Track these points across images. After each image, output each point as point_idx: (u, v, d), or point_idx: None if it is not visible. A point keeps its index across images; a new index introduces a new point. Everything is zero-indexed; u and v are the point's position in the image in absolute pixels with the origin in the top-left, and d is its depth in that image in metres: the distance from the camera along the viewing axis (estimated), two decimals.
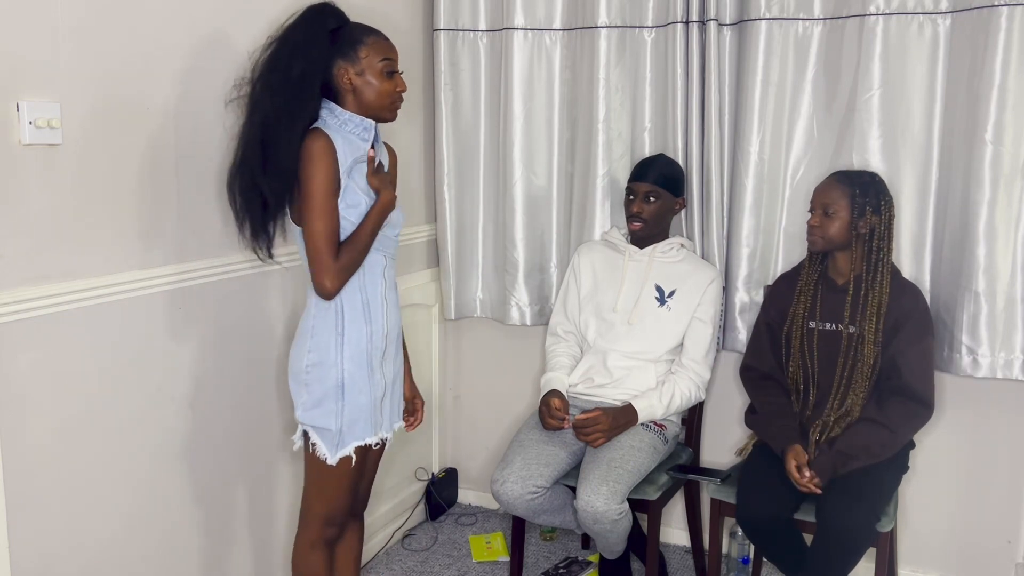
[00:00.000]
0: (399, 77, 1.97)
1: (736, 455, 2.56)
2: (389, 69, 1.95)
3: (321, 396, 1.93)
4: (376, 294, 1.98)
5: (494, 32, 2.96)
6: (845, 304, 2.33)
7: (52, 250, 1.78)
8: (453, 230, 3.07)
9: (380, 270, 2.00)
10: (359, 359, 1.95)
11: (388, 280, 2.02)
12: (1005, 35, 2.31)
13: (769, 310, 2.49)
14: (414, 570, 2.88)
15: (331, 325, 1.93)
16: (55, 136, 1.75)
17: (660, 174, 2.55)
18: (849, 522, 2.12)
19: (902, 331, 2.28)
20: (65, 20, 1.77)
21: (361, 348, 1.95)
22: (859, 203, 2.29)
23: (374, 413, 1.98)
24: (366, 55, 1.92)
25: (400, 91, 1.98)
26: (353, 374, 1.94)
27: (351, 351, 1.94)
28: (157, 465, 2.08)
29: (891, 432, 2.23)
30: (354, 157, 1.93)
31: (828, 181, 2.36)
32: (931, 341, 2.32)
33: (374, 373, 1.98)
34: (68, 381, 1.84)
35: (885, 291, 2.29)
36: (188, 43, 2.05)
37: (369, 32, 1.96)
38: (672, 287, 2.58)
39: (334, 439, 1.95)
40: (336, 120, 1.94)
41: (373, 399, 1.98)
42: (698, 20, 2.65)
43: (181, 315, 2.10)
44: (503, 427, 3.24)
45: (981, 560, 2.66)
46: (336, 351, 1.93)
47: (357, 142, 1.95)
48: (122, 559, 2.01)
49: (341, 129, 1.94)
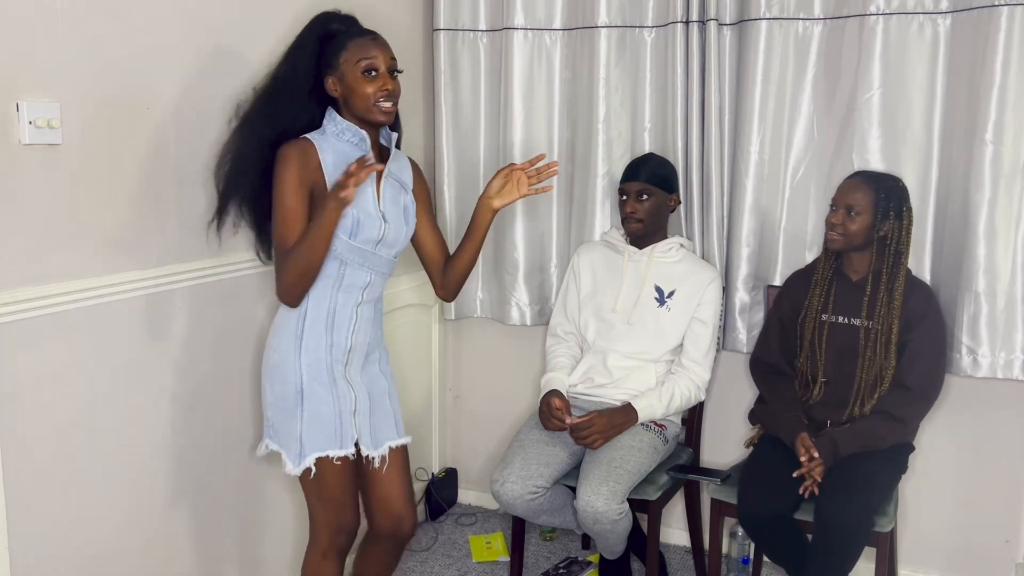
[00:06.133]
0: (384, 76, 1.90)
1: (745, 446, 2.56)
2: (367, 68, 1.88)
3: (283, 396, 1.92)
4: (347, 306, 1.95)
5: (494, 32, 2.96)
6: (862, 300, 2.34)
7: (52, 250, 1.78)
8: (453, 230, 3.07)
9: (361, 286, 1.96)
10: (317, 367, 1.92)
11: (367, 297, 1.98)
12: (1005, 35, 2.31)
13: (782, 304, 2.50)
14: (414, 570, 2.88)
15: (292, 328, 1.93)
16: (55, 136, 1.75)
17: (650, 172, 2.56)
18: (845, 518, 2.13)
19: (916, 328, 2.30)
20: (65, 20, 1.77)
21: (319, 357, 1.92)
22: (883, 207, 2.29)
23: (338, 426, 1.92)
24: (345, 60, 1.90)
25: (384, 91, 1.89)
26: (311, 382, 1.91)
27: (308, 359, 1.92)
28: (157, 465, 2.08)
29: (896, 420, 2.27)
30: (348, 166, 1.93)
31: (854, 181, 2.35)
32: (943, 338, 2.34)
33: (336, 384, 1.93)
34: (68, 381, 1.84)
35: (900, 291, 2.30)
36: (188, 43, 2.05)
37: (356, 35, 1.92)
38: (672, 287, 2.58)
39: (296, 447, 1.91)
40: (335, 128, 1.94)
41: (337, 410, 1.92)
42: (698, 20, 2.65)
43: (181, 315, 2.10)
44: (503, 427, 3.24)
45: (981, 560, 2.66)
46: (295, 356, 1.91)
47: (355, 152, 1.94)
48: (121, 559, 2.01)
49: (339, 138, 1.94)
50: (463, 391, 3.34)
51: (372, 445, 2.02)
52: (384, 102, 1.90)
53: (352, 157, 1.92)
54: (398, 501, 2.08)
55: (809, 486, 2.20)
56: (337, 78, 1.91)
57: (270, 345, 1.96)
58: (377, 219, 1.94)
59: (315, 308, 1.92)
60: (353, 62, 1.89)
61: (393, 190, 2.02)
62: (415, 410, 3.12)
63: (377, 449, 2.03)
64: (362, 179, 1.76)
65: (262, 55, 2.21)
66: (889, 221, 2.30)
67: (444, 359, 3.27)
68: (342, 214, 1.83)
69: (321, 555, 2.00)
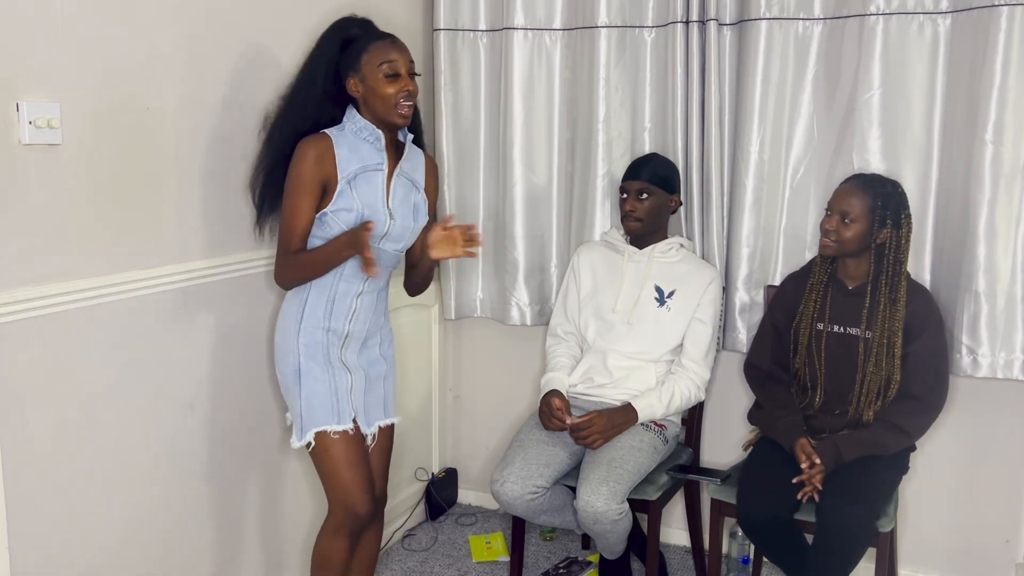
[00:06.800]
0: (405, 78, 1.98)
1: (744, 449, 2.56)
2: (390, 72, 1.96)
3: (285, 374, 2.03)
4: (347, 295, 2.03)
5: (494, 32, 2.96)
6: (859, 309, 2.32)
7: (52, 250, 1.78)
8: None
9: (363, 276, 2.02)
10: (313, 349, 2.01)
11: (369, 287, 2.05)
12: (1005, 35, 2.30)
13: (775, 309, 2.49)
14: (414, 570, 2.88)
15: (294, 311, 2.03)
16: (55, 136, 1.75)
17: (652, 172, 2.56)
18: (849, 521, 2.12)
19: (918, 335, 2.28)
20: (65, 20, 1.77)
21: (316, 340, 2.02)
22: (880, 215, 2.25)
23: (335, 402, 2.01)
24: (367, 61, 1.97)
25: (405, 92, 1.97)
26: (308, 361, 2.00)
27: (306, 340, 2.01)
28: (157, 465, 2.08)
29: (901, 431, 2.25)
30: (362, 165, 1.99)
31: (849, 186, 2.30)
32: (945, 344, 2.33)
33: (332, 364, 2.03)
34: (68, 381, 1.84)
35: (901, 301, 2.27)
36: (188, 43, 2.05)
37: (376, 38, 1.99)
38: (671, 287, 2.58)
39: (299, 423, 2.02)
40: (354, 126, 2.01)
41: (334, 388, 2.01)
42: (698, 20, 2.65)
43: (181, 315, 2.10)
44: (503, 427, 3.24)
45: (981, 560, 2.66)
46: (294, 337, 2.01)
47: (370, 151, 2.01)
48: (122, 559, 2.01)
49: (356, 136, 2.01)
50: (463, 391, 3.34)
51: (364, 424, 2.10)
52: (404, 102, 1.98)
53: (366, 154, 2.00)
54: (380, 481, 2.18)
55: (809, 492, 2.18)
56: (359, 79, 1.98)
57: (277, 327, 2.08)
58: (384, 215, 2.01)
59: (316, 294, 2.02)
60: (375, 64, 1.96)
61: (404, 188, 2.08)
62: (415, 410, 3.12)
63: (368, 428, 2.11)
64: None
65: (263, 54, 2.21)
66: (886, 229, 2.26)
67: (444, 359, 3.27)
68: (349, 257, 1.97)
69: (332, 531, 2.08)
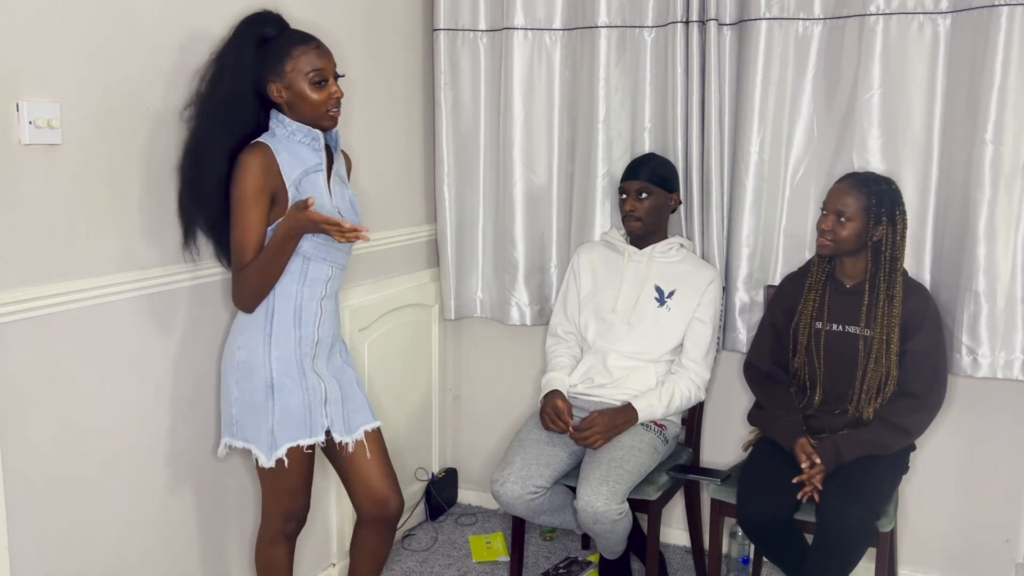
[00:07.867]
0: (333, 84, 1.95)
1: (743, 450, 2.56)
2: (317, 79, 1.92)
3: (250, 391, 1.96)
4: (312, 300, 1.99)
5: (494, 32, 2.96)
6: (859, 308, 2.32)
7: (52, 250, 1.78)
8: (453, 230, 3.07)
9: (324, 280, 2.01)
10: (287, 361, 1.97)
11: (330, 290, 2.03)
12: (1005, 35, 2.30)
13: (774, 309, 2.49)
14: (414, 570, 2.88)
15: (260, 325, 1.97)
16: (55, 136, 1.75)
17: (651, 172, 2.56)
18: (849, 521, 2.12)
19: (916, 333, 2.28)
20: (65, 20, 1.77)
21: (289, 351, 1.97)
22: (875, 212, 2.26)
23: (307, 415, 1.98)
24: (291, 68, 1.92)
25: (334, 98, 1.95)
26: (281, 375, 1.96)
27: (278, 352, 1.96)
28: (157, 465, 2.08)
29: (901, 430, 2.26)
30: (304, 168, 1.95)
31: (844, 186, 2.31)
32: (943, 341, 2.33)
33: (306, 376, 1.98)
34: (68, 381, 1.84)
35: (898, 298, 2.28)
36: (188, 43, 2.05)
37: (297, 42, 1.93)
38: (672, 287, 2.58)
39: (267, 440, 1.96)
40: (285, 131, 1.96)
41: (307, 402, 1.98)
42: (698, 20, 2.65)
43: (181, 315, 2.10)
44: (503, 427, 3.24)
45: (981, 560, 2.66)
46: (264, 351, 1.96)
47: (308, 152, 1.97)
48: (122, 559, 2.01)
49: (290, 140, 1.95)
50: (463, 391, 3.34)
51: (346, 431, 2.07)
52: (334, 109, 1.97)
53: (305, 156, 1.96)
54: (380, 483, 2.12)
55: (809, 492, 2.18)
56: (283, 86, 1.93)
57: (234, 343, 1.99)
58: (334, 214, 1.98)
59: (282, 304, 1.97)
60: (303, 72, 1.91)
61: (339, 186, 2.07)
62: (415, 410, 3.12)
63: (351, 434, 2.07)
64: None
65: None
66: (882, 226, 2.27)
67: (444, 359, 3.27)
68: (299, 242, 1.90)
69: (270, 540, 2.08)
